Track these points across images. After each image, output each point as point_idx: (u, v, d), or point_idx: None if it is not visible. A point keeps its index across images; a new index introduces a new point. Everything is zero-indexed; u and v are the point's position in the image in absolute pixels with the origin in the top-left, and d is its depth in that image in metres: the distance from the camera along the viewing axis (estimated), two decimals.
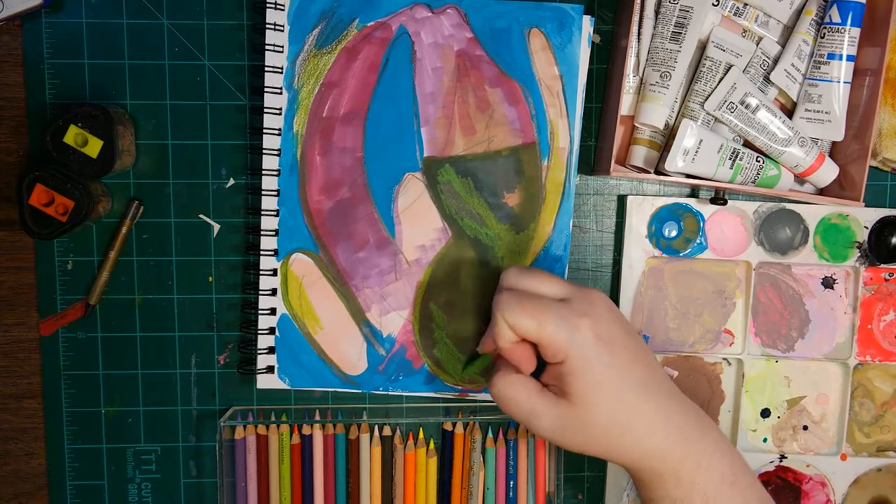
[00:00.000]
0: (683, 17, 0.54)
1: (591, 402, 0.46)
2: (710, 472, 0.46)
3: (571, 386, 0.46)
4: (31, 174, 0.53)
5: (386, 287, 0.58)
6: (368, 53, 0.56)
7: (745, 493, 0.47)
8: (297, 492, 0.59)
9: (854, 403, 0.62)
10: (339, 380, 0.58)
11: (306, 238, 0.57)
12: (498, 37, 0.56)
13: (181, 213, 0.58)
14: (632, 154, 0.57)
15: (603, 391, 0.46)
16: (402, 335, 0.58)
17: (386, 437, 0.59)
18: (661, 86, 0.55)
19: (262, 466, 0.58)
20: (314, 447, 0.59)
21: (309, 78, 0.56)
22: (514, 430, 0.60)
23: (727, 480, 0.47)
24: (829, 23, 0.54)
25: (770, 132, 0.55)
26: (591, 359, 0.45)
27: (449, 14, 0.56)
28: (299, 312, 0.58)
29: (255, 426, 0.58)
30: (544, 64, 0.57)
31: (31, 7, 0.55)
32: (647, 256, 0.59)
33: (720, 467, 0.47)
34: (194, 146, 0.58)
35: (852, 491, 0.62)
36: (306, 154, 0.57)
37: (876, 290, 0.61)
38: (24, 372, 0.59)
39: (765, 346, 0.61)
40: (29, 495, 0.60)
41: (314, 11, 0.56)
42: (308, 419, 0.59)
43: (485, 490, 0.60)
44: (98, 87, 0.57)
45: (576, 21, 0.56)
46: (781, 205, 0.60)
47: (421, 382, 0.59)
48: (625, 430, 0.46)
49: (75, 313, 0.58)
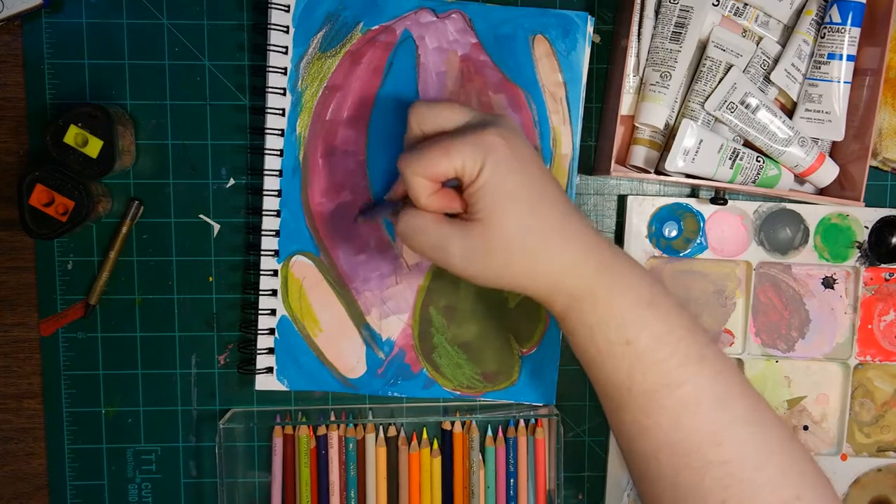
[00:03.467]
0: (683, 17, 0.54)
1: (503, 216, 0.43)
2: (625, 291, 0.44)
3: (483, 200, 0.43)
4: (31, 174, 0.53)
5: (386, 291, 0.58)
6: (372, 57, 0.56)
7: (665, 316, 0.44)
8: (315, 492, 0.59)
9: (854, 403, 0.62)
10: (337, 383, 0.58)
11: (307, 240, 0.57)
12: (502, 42, 0.56)
13: (181, 213, 0.58)
14: (632, 154, 0.57)
15: (515, 202, 0.43)
16: (401, 339, 0.58)
17: (391, 438, 0.59)
18: (661, 86, 0.55)
19: (287, 467, 0.59)
20: (329, 448, 0.59)
21: (313, 80, 0.56)
22: (514, 429, 0.60)
23: (644, 299, 0.44)
24: (829, 23, 0.54)
25: (770, 132, 0.55)
26: (499, 165, 0.43)
27: (454, 19, 0.56)
28: (299, 314, 0.58)
29: (282, 427, 0.59)
30: (548, 70, 0.56)
31: (31, 7, 0.55)
32: (647, 256, 0.59)
33: (637, 288, 0.44)
34: (194, 146, 0.58)
35: (852, 491, 0.62)
36: (309, 156, 0.57)
37: (876, 290, 0.61)
38: (24, 372, 0.59)
39: (765, 346, 0.61)
40: (29, 495, 0.60)
41: (319, 14, 0.56)
42: (323, 420, 0.59)
43: (486, 489, 0.60)
44: (98, 87, 0.57)
45: (580, 28, 0.56)
46: (781, 205, 0.60)
47: (419, 387, 0.59)
48: (538, 247, 0.43)
49: (75, 313, 0.58)
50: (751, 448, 0.43)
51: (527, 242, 0.43)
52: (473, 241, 0.44)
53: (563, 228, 0.44)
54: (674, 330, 0.44)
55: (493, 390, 0.59)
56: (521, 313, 0.59)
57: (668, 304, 0.45)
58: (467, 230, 0.44)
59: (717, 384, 0.44)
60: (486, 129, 0.44)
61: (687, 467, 0.43)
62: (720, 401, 0.44)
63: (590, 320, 0.44)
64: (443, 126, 0.46)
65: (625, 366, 0.44)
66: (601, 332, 0.44)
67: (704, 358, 0.44)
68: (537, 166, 0.45)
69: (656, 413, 0.44)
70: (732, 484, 0.43)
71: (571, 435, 0.61)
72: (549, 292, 0.45)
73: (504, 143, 0.43)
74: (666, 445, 0.44)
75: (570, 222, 0.45)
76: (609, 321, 0.44)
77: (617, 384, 0.45)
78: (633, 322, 0.44)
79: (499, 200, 0.43)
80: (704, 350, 0.45)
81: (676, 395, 0.44)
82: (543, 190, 0.44)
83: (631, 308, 0.44)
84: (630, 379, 0.44)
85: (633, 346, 0.44)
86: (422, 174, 0.44)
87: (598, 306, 0.44)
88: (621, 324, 0.44)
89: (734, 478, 0.43)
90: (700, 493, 0.43)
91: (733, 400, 0.44)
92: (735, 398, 0.44)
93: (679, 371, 0.44)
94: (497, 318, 0.59)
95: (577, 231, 0.45)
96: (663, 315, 0.44)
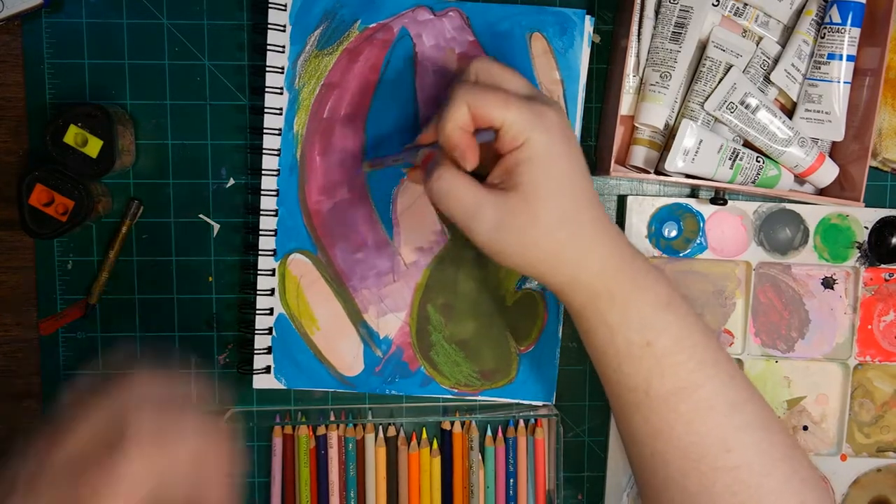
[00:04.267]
0: (683, 17, 0.54)
1: (547, 197, 0.42)
2: (645, 292, 0.44)
3: (525, 175, 0.41)
4: (31, 174, 0.53)
5: (383, 288, 0.58)
6: (370, 55, 0.56)
7: (683, 319, 0.44)
8: (314, 492, 0.59)
9: (854, 404, 0.62)
10: (335, 381, 0.58)
11: (305, 238, 0.57)
12: (499, 40, 0.56)
13: (181, 213, 0.58)
14: (632, 154, 0.57)
15: (561, 186, 0.42)
16: (398, 337, 0.58)
17: (390, 438, 0.59)
18: (661, 86, 0.55)
19: (287, 467, 0.59)
20: (329, 448, 0.59)
21: (310, 78, 0.56)
22: (514, 429, 0.60)
23: (662, 301, 0.44)
24: (829, 23, 0.54)
25: (770, 132, 0.55)
26: (553, 144, 0.41)
27: (451, 17, 0.56)
28: (297, 313, 0.58)
29: (281, 427, 0.59)
30: (545, 68, 0.56)
31: (31, 7, 0.55)
32: (647, 256, 0.59)
33: (655, 288, 0.44)
34: (194, 146, 0.58)
35: (852, 491, 0.62)
36: (306, 154, 0.57)
37: (876, 291, 0.61)
38: (24, 372, 0.59)
39: (765, 346, 0.61)
40: None
41: (316, 12, 0.56)
42: (323, 420, 0.59)
43: (485, 489, 0.60)
44: (98, 87, 0.57)
45: (578, 26, 0.56)
46: (781, 205, 0.59)
47: (417, 385, 0.59)
48: (569, 238, 0.42)
49: (75, 313, 0.58)
50: (759, 454, 0.43)
51: (559, 228, 0.42)
52: (509, 213, 0.42)
53: (595, 224, 0.44)
54: (691, 334, 0.44)
55: (492, 388, 0.59)
56: (518, 311, 0.59)
57: (685, 308, 0.45)
58: (504, 199, 0.42)
59: (730, 389, 0.44)
60: (549, 105, 0.43)
61: (696, 471, 0.43)
62: (732, 406, 0.44)
63: (610, 320, 0.44)
64: (502, 84, 0.44)
65: (644, 368, 0.44)
66: (622, 332, 0.44)
67: (719, 362, 0.44)
68: (582, 158, 0.44)
69: (671, 417, 0.44)
70: (741, 490, 0.43)
71: (571, 435, 0.61)
72: (570, 284, 0.44)
73: (562, 125, 0.42)
74: (677, 449, 0.44)
75: (600, 219, 0.44)
76: (630, 322, 0.44)
77: (633, 386, 0.44)
78: (654, 324, 0.44)
79: (546, 179, 0.42)
80: (718, 354, 0.45)
81: (693, 399, 0.43)
82: (585, 183, 0.44)
83: (650, 310, 0.44)
84: (648, 382, 0.44)
85: (652, 348, 0.43)
86: (473, 104, 0.42)
87: (617, 305, 0.44)
88: (642, 325, 0.43)
89: (743, 483, 0.43)
90: (709, 498, 0.43)
91: (744, 405, 0.44)
92: (745, 403, 0.44)
93: (696, 375, 0.44)
94: (494, 315, 0.59)
95: (605, 229, 0.44)
96: (681, 318, 0.44)
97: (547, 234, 0.42)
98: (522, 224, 0.42)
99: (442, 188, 0.43)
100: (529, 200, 0.42)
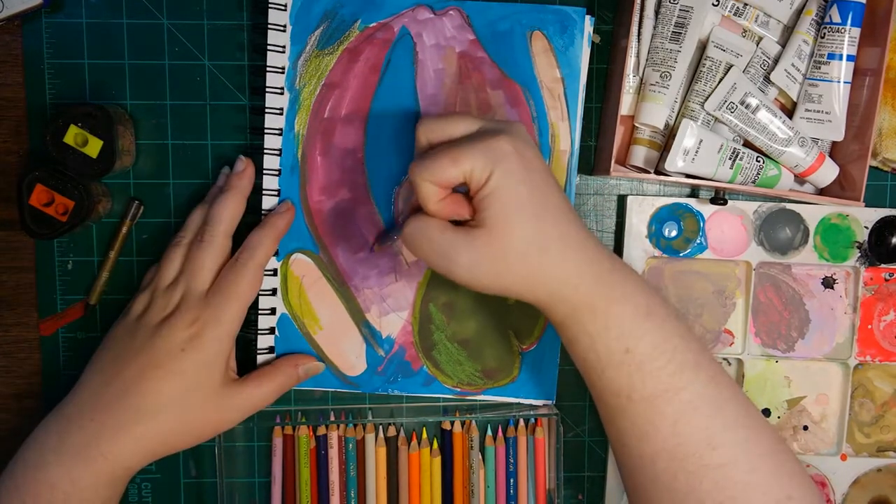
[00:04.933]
0: (683, 17, 0.54)
1: (509, 224, 0.43)
2: (624, 303, 0.45)
3: (489, 209, 0.43)
4: (31, 174, 0.53)
5: (385, 288, 0.58)
6: (370, 54, 0.56)
7: (662, 325, 0.45)
8: (314, 492, 0.59)
9: (854, 404, 0.62)
10: (337, 380, 0.58)
11: (306, 238, 0.57)
12: (500, 39, 0.56)
13: (181, 213, 0.58)
14: (632, 154, 0.57)
15: (520, 212, 0.43)
16: (401, 336, 0.58)
17: (390, 438, 0.59)
18: (661, 86, 0.55)
19: (287, 467, 0.59)
20: (329, 448, 0.59)
21: (311, 78, 0.56)
22: (514, 428, 0.60)
23: (641, 311, 0.45)
24: (829, 23, 0.54)
25: (770, 132, 0.55)
26: (509, 173, 0.43)
27: (451, 16, 0.56)
28: (299, 312, 0.58)
29: (281, 428, 0.59)
30: (546, 66, 0.57)
31: (31, 7, 0.55)
32: (647, 256, 0.59)
33: (634, 298, 0.45)
34: (194, 146, 0.58)
35: (852, 491, 0.62)
36: (307, 154, 0.57)
37: (876, 291, 0.61)
38: (24, 372, 0.59)
39: (765, 346, 0.61)
40: None
41: (317, 12, 0.56)
42: (323, 420, 0.59)
43: (485, 488, 0.60)
44: (98, 87, 0.57)
45: (578, 24, 0.56)
46: (781, 205, 0.60)
47: (419, 384, 0.59)
48: (538, 257, 0.44)
49: (75, 313, 0.58)
50: (744, 451, 0.44)
51: (527, 252, 0.44)
52: (478, 249, 0.44)
53: (564, 239, 0.45)
54: (670, 339, 0.45)
55: (494, 387, 0.59)
56: (520, 310, 0.59)
57: (664, 313, 0.46)
58: (472, 237, 0.44)
59: (711, 389, 0.45)
60: (496, 137, 0.44)
61: (683, 471, 0.44)
62: (716, 405, 0.45)
63: (591, 329, 0.45)
64: (451, 135, 0.46)
65: (625, 374, 0.45)
66: (601, 340, 0.45)
67: (699, 364, 0.46)
68: (544, 175, 0.45)
69: (656, 419, 0.45)
70: (728, 486, 0.44)
71: (571, 435, 0.61)
72: (549, 301, 0.46)
73: (514, 151, 0.44)
74: (663, 450, 0.45)
75: (570, 233, 0.45)
76: (609, 331, 0.45)
77: (616, 391, 0.46)
78: (632, 332, 0.45)
79: (506, 209, 0.44)
80: (699, 357, 0.46)
81: (675, 401, 0.44)
82: (548, 200, 0.45)
83: (629, 318, 0.45)
84: (630, 386, 0.45)
85: (632, 355, 0.45)
86: (431, 180, 0.44)
87: (597, 316, 0.45)
88: (620, 334, 0.45)
89: (730, 480, 0.44)
90: (697, 497, 0.44)
91: (727, 404, 0.45)
92: (728, 402, 0.45)
93: (677, 377, 0.45)
94: (497, 314, 0.59)
95: (577, 242, 0.45)
96: (660, 324, 0.45)
97: (518, 261, 0.44)
98: (493, 256, 0.44)
99: (414, 234, 0.46)
100: (494, 233, 0.44)
